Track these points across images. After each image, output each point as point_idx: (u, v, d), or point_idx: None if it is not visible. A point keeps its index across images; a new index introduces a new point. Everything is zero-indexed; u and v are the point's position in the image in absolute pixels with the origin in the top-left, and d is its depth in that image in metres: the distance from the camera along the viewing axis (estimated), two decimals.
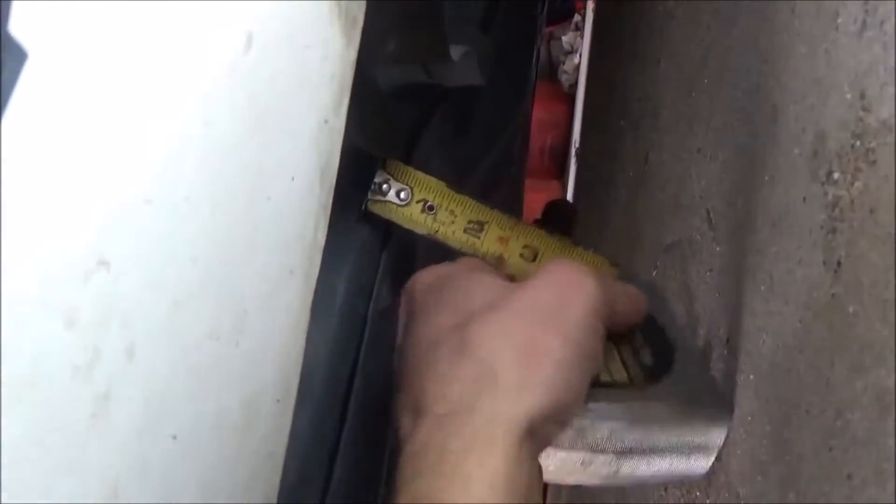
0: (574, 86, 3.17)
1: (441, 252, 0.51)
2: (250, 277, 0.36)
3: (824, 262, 0.38)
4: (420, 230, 0.46)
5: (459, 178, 0.85)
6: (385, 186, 0.45)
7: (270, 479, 0.40)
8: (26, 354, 0.23)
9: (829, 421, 0.35)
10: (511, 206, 1.27)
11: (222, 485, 0.35)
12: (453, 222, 0.46)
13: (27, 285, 0.23)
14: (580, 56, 3.11)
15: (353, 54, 0.41)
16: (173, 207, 0.29)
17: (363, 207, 0.44)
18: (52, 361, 0.25)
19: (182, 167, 0.29)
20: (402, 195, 0.45)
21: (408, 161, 0.65)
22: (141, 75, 0.27)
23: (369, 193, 0.45)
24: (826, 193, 0.39)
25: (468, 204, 0.48)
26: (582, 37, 3.11)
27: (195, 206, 0.30)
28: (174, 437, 0.31)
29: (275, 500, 0.40)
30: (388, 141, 0.61)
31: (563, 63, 3.37)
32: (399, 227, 0.60)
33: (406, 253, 0.66)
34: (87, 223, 0.25)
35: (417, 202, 0.45)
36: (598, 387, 0.44)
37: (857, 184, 0.35)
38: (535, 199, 2.17)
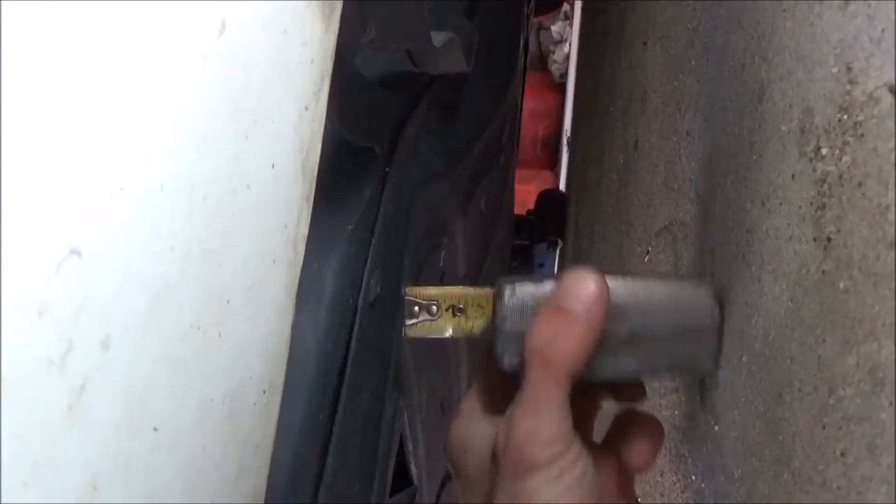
0: (564, 75, 3.17)
1: None
2: (232, 267, 0.35)
3: (814, 239, 0.37)
4: (458, 335, 0.47)
5: (448, 167, 0.85)
6: (416, 309, 0.47)
7: (258, 471, 0.39)
8: None
9: (821, 398, 0.35)
10: (500, 194, 1.27)
11: (208, 478, 0.34)
12: (483, 315, 0.47)
13: None
14: (570, 45, 3.11)
15: (332, 39, 0.41)
16: (148, 196, 0.29)
17: (403, 335, 0.47)
18: (24, 354, 0.24)
19: (155, 155, 0.29)
20: (433, 309, 0.47)
21: (394, 150, 0.64)
22: (110, 64, 0.27)
23: (406, 321, 0.47)
24: (815, 169, 0.38)
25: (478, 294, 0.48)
26: (571, 26, 3.11)
27: (171, 195, 0.30)
28: (156, 430, 0.30)
29: (263, 494, 0.40)
30: (373, 130, 0.61)
31: (553, 53, 3.36)
32: (386, 220, 0.60)
33: (395, 244, 0.66)
34: (56, 211, 0.25)
35: (447, 310, 0.47)
36: None
37: (844, 158, 0.35)
38: (528, 189, 2.17)
